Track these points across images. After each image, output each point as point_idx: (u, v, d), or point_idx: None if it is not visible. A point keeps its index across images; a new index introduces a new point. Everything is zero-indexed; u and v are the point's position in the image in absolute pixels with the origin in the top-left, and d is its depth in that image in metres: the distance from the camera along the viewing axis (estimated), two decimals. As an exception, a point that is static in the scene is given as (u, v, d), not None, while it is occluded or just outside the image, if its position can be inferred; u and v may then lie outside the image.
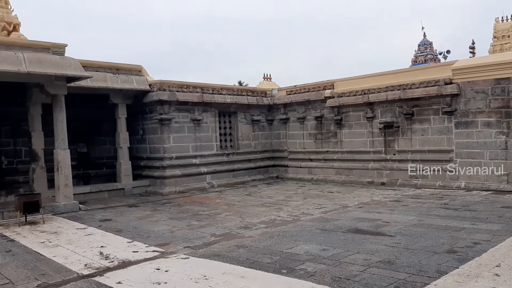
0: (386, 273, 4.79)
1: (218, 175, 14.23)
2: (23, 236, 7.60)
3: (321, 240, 6.48)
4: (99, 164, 13.64)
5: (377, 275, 4.73)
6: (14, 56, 8.91)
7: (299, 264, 5.30)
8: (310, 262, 5.36)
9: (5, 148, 11.56)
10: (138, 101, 13.17)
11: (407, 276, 4.68)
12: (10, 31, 13.92)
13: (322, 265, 5.20)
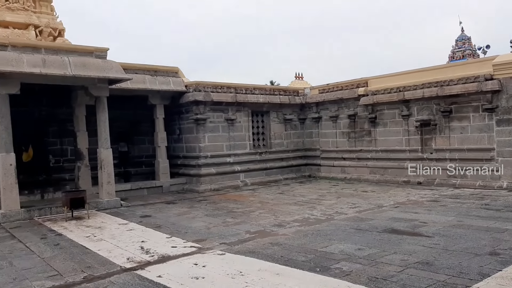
0: (425, 274, 4.69)
1: (251, 173, 14.45)
2: (70, 230, 8.07)
3: (356, 239, 6.47)
4: (139, 162, 14.16)
5: (415, 276, 4.65)
6: (60, 60, 9.45)
7: (334, 263, 5.32)
8: (345, 261, 5.37)
9: (53, 147, 12.23)
10: (175, 102, 13.59)
11: (447, 278, 4.57)
12: (56, 36, 14.66)
13: (358, 264, 5.19)
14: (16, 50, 9.18)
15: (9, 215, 9.12)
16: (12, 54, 9.03)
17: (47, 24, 14.49)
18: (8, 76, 9.00)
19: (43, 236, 7.69)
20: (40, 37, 14.24)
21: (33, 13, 14.42)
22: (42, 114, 11.87)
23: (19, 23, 13.91)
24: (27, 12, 14.22)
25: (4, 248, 6.87)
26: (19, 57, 9.00)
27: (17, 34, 13.40)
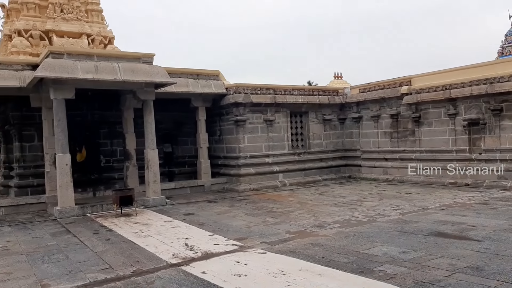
0: (475, 280, 4.54)
1: (290, 174, 14.56)
2: (119, 226, 8.54)
3: (400, 242, 6.35)
4: (182, 162, 14.67)
5: (464, 281, 4.51)
6: (111, 67, 10.02)
7: (377, 265, 5.26)
8: (389, 264, 5.29)
9: (103, 148, 12.95)
10: (216, 104, 13.97)
11: (498, 284, 4.41)
12: (106, 44, 15.50)
13: (403, 268, 5.08)
14: (71, 57, 9.82)
15: (64, 211, 9.76)
16: (67, 61, 9.67)
17: (98, 33, 15.33)
18: (64, 82, 9.66)
19: (96, 231, 8.19)
20: (92, 45, 15.10)
21: (85, 23, 15.30)
22: (94, 117, 12.59)
23: (73, 32, 14.82)
24: (80, 22, 15.10)
25: (60, 242, 7.39)
26: (74, 64, 9.64)
27: (71, 43, 14.28)
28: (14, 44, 13.95)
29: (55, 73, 9.36)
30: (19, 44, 13.95)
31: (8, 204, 10.73)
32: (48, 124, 10.72)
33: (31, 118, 11.70)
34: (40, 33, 14.45)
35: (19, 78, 10.37)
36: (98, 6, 16.19)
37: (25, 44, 14.03)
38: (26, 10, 14.75)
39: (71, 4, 15.11)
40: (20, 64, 10.77)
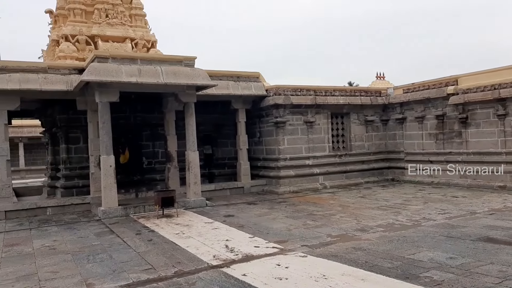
0: None
1: (330, 176, 14.32)
2: (161, 227, 8.67)
3: (447, 247, 6.16)
4: (222, 164, 14.76)
5: None
6: (153, 70, 10.22)
7: (423, 271, 5.12)
8: (435, 270, 5.14)
9: (146, 150, 13.24)
10: (255, 106, 13.97)
11: None
12: (149, 47, 15.90)
13: (450, 274, 4.95)
14: (115, 61, 10.10)
15: (108, 211, 10.03)
16: (112, 65, 9.95)
17: (141, 37, 15.75)
18: (109, 85, 9.94)
19: (138, 232, 8.36)
20: (136, 48, 15.53)
21: (129, 27, 15.76)
22: (137, 119, 12.89)
23: (118, 36, 15.30)
24: (124, 26, 15.57)
25: (104, 242, 7.58)
26: (118, 68, 9.91)
27: (116, 47, 14.74)
28: (61, 49, 14.56)
29: (100, 77, 9.66)
30: (66, 49, 14.55)
31: (55, 204, 11.16)
32: (93, 127, 11.07)
33: (77, 120, 12.12)
34: (86, 38, 15.00)
35: (66, 82, 10.78)
36: (142, 10, 16.63)
37: (72, 48, 14.61)
38: (73, 15, 15.36)
39: (116, 9, 15.60)
40: (67, 68, 11.20)
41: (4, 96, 10.33)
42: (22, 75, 10.40)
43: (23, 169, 28.11)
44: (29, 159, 28.69)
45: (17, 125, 24.83)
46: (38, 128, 22.15)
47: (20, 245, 7.57)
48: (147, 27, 16.45)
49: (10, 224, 9.72)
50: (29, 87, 10.32)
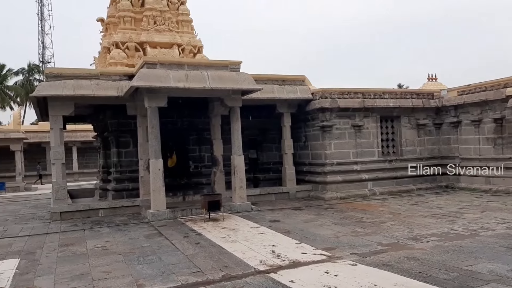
0: None
1: (380, 182, 13.85)
2: (208, 230, 8.71)
3: (508, 259, 5.76)
4: (267, 168, 14.69)
5: None
6: (200, 75, 10.35)
7: (482, 283, 4.82)
8: (496, 283, 4.83)
9: (192, 154, 13.42)
10: (301, 109, 13.79)
11: None
12: (195, 53, 16.20)
13: None
14: (163, 67, 10.33)
15: (157, 214, 10.23)
16: (160, 71, 10.18)
17: (188, 43, 16.07)
18: (158, 91, 10.17)
19: (186, 235, 8.44)
20: (182, 54, 15.85)
21: (176, 33, 16.13)
22: (184, 124, 13.12)
23: (165, 43, 15.71)
24: (171, 32, 15.95)
25: (153, 244, 7.71)
26: (166, 73, 10.12)
27: (163, 53, 15.12)
28: (112, 56, 15.13)
29: (149, 83, 9.90)
30: (116, 55, 15.10)
31: (106, 206, 11.55)
32: (142, 131, 11.38)
33: (127, 125, 12.50)
34: (135, 45, 15.48)
35: (117, 87, 11.15)
36: (188, 16, 16.97)
37: (122, 55, 15.14)
38: (123, 23, 15.92)
39: (164, 16, 16.02)
40: (118, 75, 11.59)
41: (59, 102, 10.85)
42: (76, 81, 10.88)
43: (76, 172, 29.53)
44: (82, 162, 30.09)
45: (71, 129, 26.11)
46: (90, 132, 23.19)
47: (75, 245, 7.87)
48: (193, 33, 16.77)
49: (65, 225, 10.16)
50: (83, 93, 10.77)
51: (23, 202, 16.45)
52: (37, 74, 50.21)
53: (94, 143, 20.33)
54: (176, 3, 16.71)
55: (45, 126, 24.60)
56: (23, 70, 50.53)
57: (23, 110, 44.35)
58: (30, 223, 10.81)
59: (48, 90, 10.61)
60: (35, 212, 13.09)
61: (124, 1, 15.90)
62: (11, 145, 23.69)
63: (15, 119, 26.42)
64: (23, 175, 25.04)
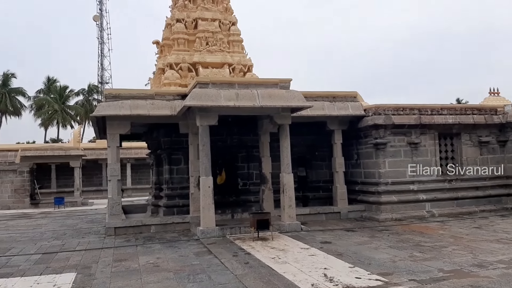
0: None
1: (438, 203, 13.08)
2: (257, 250, 8.56)
3: None
4: (316, 187, 14.35)
5: None
6: (250, 93, 10.39)
7: None
8: None
9: (241, 171, 13.43)
10: (352, 126, 13.42)
11: None
12: (245, 72, 16.45)
13: None
14: (215, 86, 10.48)
15: (206, 232, 10.24)
16: (212, 90, 10.34)
17: (238, 62, 16.35)
18: (209, 109, 10.33)
19: (235, 253, 8.34)
20: (233, 73, 16.13)
21: (227, 53, 16.49)
22: (233, 141, 13.19)
23: (216, 62, 16.10)
24: (222, 53, 16.33)
25: (203, 262, 7.68)
26: (217, 92, 10.26)
27: (215, 73, 15.45)
28: (166, 77, 15.68)
29: (201, 102, 10.06)
30: (170, 76, 15.63)
31: (158, 222, 11.75)
32: (193, 149, 11.56)
33: (179, 143, 12.76)
34: (188, 65, 15.98)
35: (171, 107, 11.45)
36: (239, 36, 17.33)
37: (176, 76, 15.66)
38: (177, 45, 16.52)
39: (215, 37, 16.46)
40: (172, 95, 11.91)
41: (117, 121, 11.29)
42: (132, 101, 11.30)
43: (130, 187, 30.60)
44: (135, 178, 31.18)
45: (126, 147, 27.24)
46: (144, 149, 24.02)
47: (128, 261, 8.01)
48: (243, 52, 17.05)
49: (119, 240, 10.43)
50: (138, 112, 11.15)
51: (80, 217, 17.20)
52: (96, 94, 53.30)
53: (147, 160, 21.00)
54: (227, 24, 17.14)
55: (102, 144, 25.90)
56: (83, 90, 53.85)
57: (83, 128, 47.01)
58: (86, 237, 11.22)
59: (106, 110, 11.08)
60: (91, 226, 13.60)
61: (178, 24, 16.55)
62: (70, 161, 25.03)
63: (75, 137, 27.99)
64: (81, 190, 26.29)
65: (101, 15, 53.44)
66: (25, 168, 23.68)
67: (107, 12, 54.45)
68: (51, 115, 48.86)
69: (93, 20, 53.30)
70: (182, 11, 16.85)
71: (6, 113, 48.64)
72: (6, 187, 23.49)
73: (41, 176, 26.59)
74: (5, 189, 23.47)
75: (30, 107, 50.69)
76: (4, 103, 47.00)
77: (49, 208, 22.69)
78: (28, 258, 8.68)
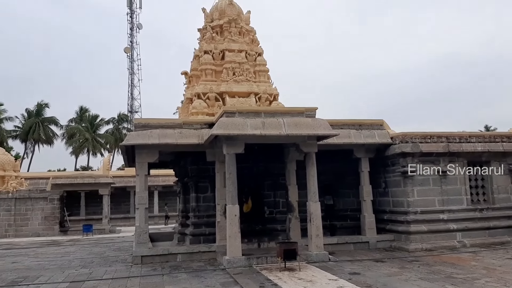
0: None
1: (469, 233, 12.64)
2: (284, 281, 8.44)
3: None
4: (344, 216, 14.12)
5: None
6: (276, 122, 10.52)
7: None
8: None
9: (267, 199, 13.38)
10: (380, 154, 13.29)
11: None
12: (271, 101, 16.75)
13: None
14: (241, 115, 10.68)
15: (232, 261, 10.18)
16: (238, 119, 10.52)
17: (264, 91, 16.66)
18: (235, 138, 10.47)
19: (261, 284, 8.25)
20: (259, 102, 16.41)
21: (253, 83, 16.85)
22: (259, 169, 13.21)
23: (243, 92, 16.47)
24: (249, 82, 16.70)
25: (230, 292, 7.63)
26: (244, 121, 10.43)
27: (241, 102, 15.76)
28: (194, 106, 16.08)
29: (228, 130, 10.24)
30: (198, 105, 16.02)
31: (184, 251, 11.76)
32: (220, 177, 11.65)
33: (205, 171, 12.88)
34: (215, 95, 16.39)
35: (198, 135, 11.67)
36: (265, 66, 17.73)
37: (203, 105, 16.03)
38: (204, 75, 17.01)
39: (242, 67, 16.88)
40: (199, 123, 12.16)
41: (146, 150, 11.57)
42: (161, 130, 11.59)
43: (157, 215, 30.84)
44: (162, 206, 31.42)
45: (153, 174, 27.60)
46: (171, 177, 24.30)
47: (154, 290, 8.02)
48: (269, 82, 17.38)
49: (145, 269, 10.49)
50: (167, 141, 11.41)
51: (107, 244, 17.41)
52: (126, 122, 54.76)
53: (174, 187, 21.21)
54: (253, 55, 17.59)
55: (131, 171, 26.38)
56: (113, 119, 55.49)
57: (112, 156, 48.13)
58: (114, 266, 11.33)
59: (136, 139, 11.40)
60: (118, 254, 13.74)
61: (206, 55, 17.08)
62: (100, 189, 25.55)
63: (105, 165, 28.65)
64: (109, 217, 26.67)
65: (132, 47, 55.62)
66: (55, 196, 24.30)
67: (138, 44, 56.45)
68: (82, 144, 50.38)
69: (124, 51, 55.51)
70: (210, 43, 17.43)
71: (39, 142, 50.47)
72: (36, 214, 24.08)
73: (70, 203, 27.21)
74: (35, 216, 24.06)
75: (62, 136, 52.49)
76: (37, 132, 48.85)
77: (77, 235, 23.10)
78: (56, 286, 8.84)
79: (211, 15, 18.40)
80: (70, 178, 25.64)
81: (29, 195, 24.32)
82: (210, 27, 17.90)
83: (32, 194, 24.51)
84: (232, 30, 17.58)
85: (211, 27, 17.89)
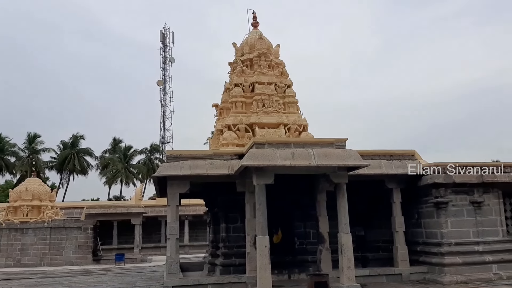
0: None
1: (506, 265, 12.22)
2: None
3: None
4: (375, 247, 13.86)
5: None
6: (306, 153, 10.65)
7: None
8: None
9: (297, 230, 13.34)
10: (411, 185, 13.12)
11: None
12: (300, 131, 16.94)
13: None
14: (271, 146, 10.88)
15: (262, 293, 10.12)
16: (268, 150, 10.72)
17: (293, 122, 16.93)
18: (265, 169, 10.63)
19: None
20: (288, 133, 16.64)
21: (283, 114, 17.17)
22: (289, 200, 13.22)
23: (272, 123, 16.79)
24: (278, 114, 17.03)
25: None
26: (273, 152, 10.61)
27: (270, 133, 16.03)
28: (224, 137, 16.47)
29: (258, 161, 10.42)
30: (228, 137, 16.40)
31: (214, 282, 11.80)
32: (250, 207, 11.75)
33: (235, 201, 12.99)
34: (245, 126, 16.77)
35: (228, 166, 11.90)
36: (294, 98, 18.05)
37: (233, 136, 16.41)
38: (235, 107, 17.47)
39: (271, 99, 17.25)
40: (229, 154, 12.43)
41: (177, 181, 11.88)
42: (192, 162, 11.91)
43: (187, 244, 31.01)
44: (192, 235, 31.64)
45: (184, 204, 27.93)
46: (201, 206, 24.55)
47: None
48: (298, 113, 17.65)
49: (178, 298, 10.55)
50: (198, 172, 11.71)
51: (139, 274, 17.63)
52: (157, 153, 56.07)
53: (204, 217, 21.43)
54: (283, 87, 17.98)
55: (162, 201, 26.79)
56: (145, 150, 56.99)
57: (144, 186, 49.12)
58: (146, 295, 11.48)
59: (167, 170, 11.75)
60: (149, 284, 13.90)
61: (236, 88, 17.60)
62: (132, 219, 26.09)
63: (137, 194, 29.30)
64: (141, 247, 27.04)
65: (164, 80, 57.64)
66: (89, 225, 24.94)
67: (170, 77, 58.46)
68: (115, 174, 51.74)
69: (157, 84, 57.57)
70: (240, 76, 17.98)
71: (74, 172, 52.22)
72: (70, 244, 24.70)
73: (103, 233, 27.81)
74: (69, 245, 24.67)
75: (96, 166, 54.14)
76: (73, 163, 50.61)
77: (109, 264, 23.48)
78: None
79: (242, 49, 19.03)
80: (103, 208, 26.34)
81: (63, 225, 25.06)
82: (241, 60, 18.47)
83: (67, 224, 25.25)
84: (262, 64, 18.07)
85: (241, 61, 18.46)
